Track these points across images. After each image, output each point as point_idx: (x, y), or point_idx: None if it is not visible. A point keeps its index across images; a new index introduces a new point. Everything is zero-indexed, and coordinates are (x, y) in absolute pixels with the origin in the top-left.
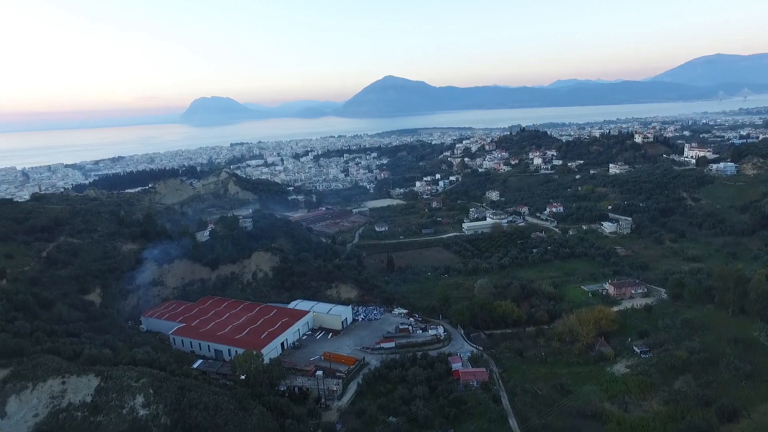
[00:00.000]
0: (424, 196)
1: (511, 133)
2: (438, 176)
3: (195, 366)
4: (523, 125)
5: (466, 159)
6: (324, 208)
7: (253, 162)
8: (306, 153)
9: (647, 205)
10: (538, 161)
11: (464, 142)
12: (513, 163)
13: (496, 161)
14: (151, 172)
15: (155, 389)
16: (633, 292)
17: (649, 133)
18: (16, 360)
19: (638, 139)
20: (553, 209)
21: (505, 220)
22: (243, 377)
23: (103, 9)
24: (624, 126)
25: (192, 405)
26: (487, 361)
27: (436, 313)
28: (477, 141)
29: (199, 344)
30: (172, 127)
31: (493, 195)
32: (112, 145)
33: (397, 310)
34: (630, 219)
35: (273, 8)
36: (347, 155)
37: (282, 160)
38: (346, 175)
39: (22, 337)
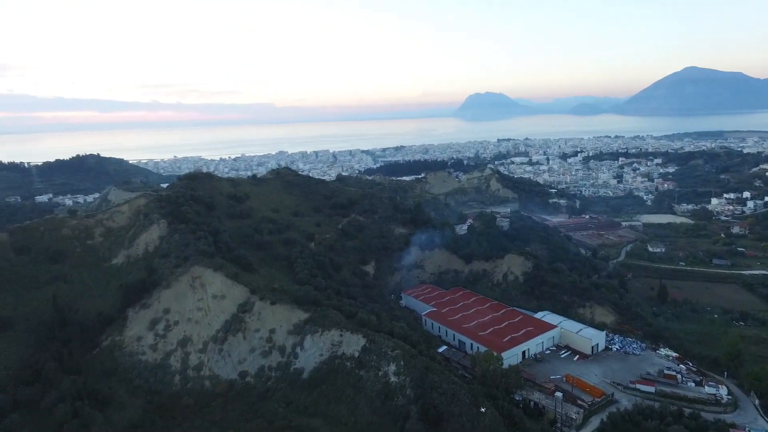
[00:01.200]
0: (722, 218)
1: None
2: (747, 194)
3: (440, 350)
4: None
5: None
6: (588, 216)
7: (518, 159)
8: (574, 154)
9: None
10: None
11: None
12: None
13: None
14: (424, 162)
15: (406, 362)
16: None
17: None
18: (313, 308)
19: None
20: None
21: None
22: (481, 374)
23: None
24: None
25: (433, 387)
26: None
27: (720, 368)
28: None
29: (446, 331)
30: (446, 121)
31: None
32: (397, 136)
33: (663, 351)
34: None
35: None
36: (623, 159)
37: (547, 159)
38: (618, 182)
39: (319, 291)
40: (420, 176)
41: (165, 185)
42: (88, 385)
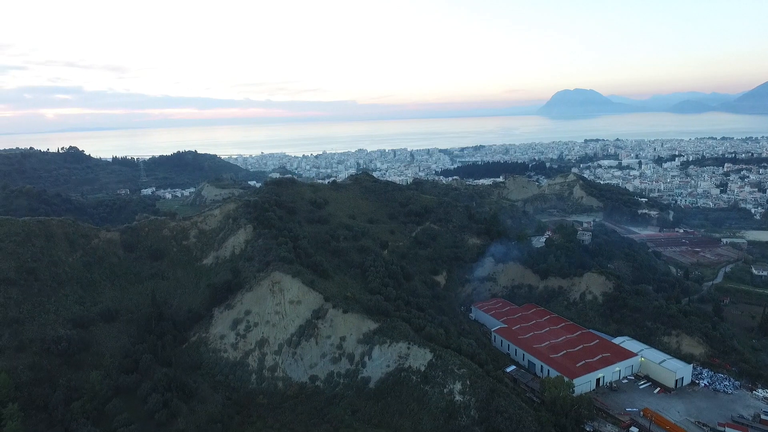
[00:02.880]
0: None
1: None
2: None
3: (508, 370)
4: None
5: None
6: (682, 230)
7: (605, 162)
8: (672, 158)
9: None
10: None
11: None
12: None
13: None
14: (504, 164)
15: (472, 382)
16: None
17: None
18: (383, 319)
19: None
20: None
21: None
22: (549, 401)
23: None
24: None
25: (499, 410)
26: None
27: None
28: None
29: (516, 350)
30: (530, 119)
31: None
32: (477, 134)
33: (761, 392)
34: None
35: None
36: (729, 165)
37: (640, 163)
38: (722, 191)
39: (389, 301)
40: (498, 179)
41: (252, 183)
42: (177, 378)
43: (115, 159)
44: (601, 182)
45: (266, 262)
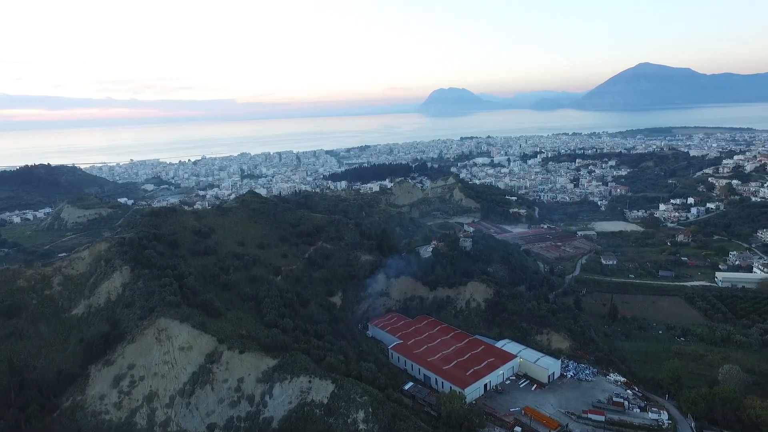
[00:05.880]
0: (668, 224)
1: None
2: (691, 200)
3: (406, 387)
4: None
5: (734, 181)
6: (546, 226)
7: (480, 160)
8: (534, 154)
9: None
10: None
11: (735, 158)
12: None
13: None
14: (389, 165)
15: (374, 409)
16: None
17: None
18: (282, 354)
19: None
20: None
21: None
22: (446, 414)
23: (365, 10)
24: None
25: None
26: None
27: (662, 390)
28: (756, 158)
29: (412, 365)
30: (411, 117)
31: None
32: (362, 134)
33: (612, 376)
34: None
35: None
36: (579, 160)
37: (509, 160)
38: (575, 186)
39: (286, 333)
40: (385, 183)
41: (123, 200)
42: None
43: None
44: (477, 182)
45: (149, 308)
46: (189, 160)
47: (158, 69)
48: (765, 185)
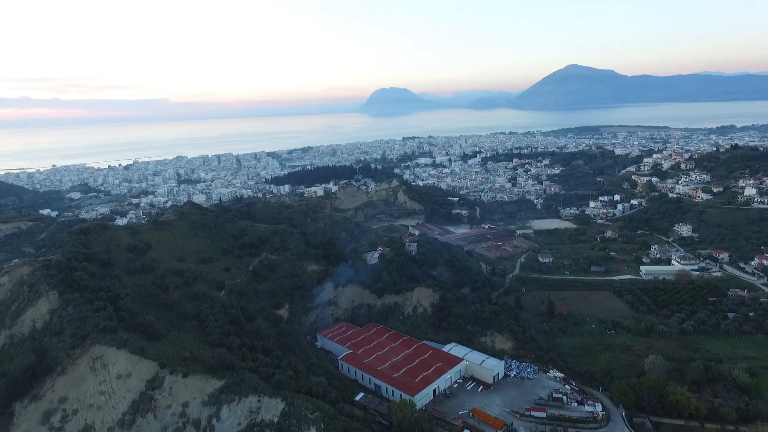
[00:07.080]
0: (598, 221)
1: (717, 149)
2: (617, 197)
3: (357, 398)
4: (738, 126)
5: (653, 179)
6: (486, 226)
7: (422, 161)
8: (474, 154)
9: None
10: (750, 191)
11: (654, 156)
12: (715, 190)
13: (692, 186)
14: (333, 167)
15: (325, 425)
16: None
17: None
18: (228, 374)
19: None
20: (765, 261)
21: (695, 267)
22: (397, 424)
23: (304, 9)
24: None
25: None
26: None
27: (596, 383)
28: (671, 157)
29: (362, 375)
30: (353, 116)
31: (684, 229)
32: (304, 134)
33: (552, 372)
34: None
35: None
36: (516, 160)
37: (450, 160)
38: (513, 185)
39: (233, 351)
40: (329, 186)
41: (46, 211)
42: None
43: None
44: (421, 182)
45: (81, 336)
46: (120, 164)
47: (83, 67)
48: (679, 182)
